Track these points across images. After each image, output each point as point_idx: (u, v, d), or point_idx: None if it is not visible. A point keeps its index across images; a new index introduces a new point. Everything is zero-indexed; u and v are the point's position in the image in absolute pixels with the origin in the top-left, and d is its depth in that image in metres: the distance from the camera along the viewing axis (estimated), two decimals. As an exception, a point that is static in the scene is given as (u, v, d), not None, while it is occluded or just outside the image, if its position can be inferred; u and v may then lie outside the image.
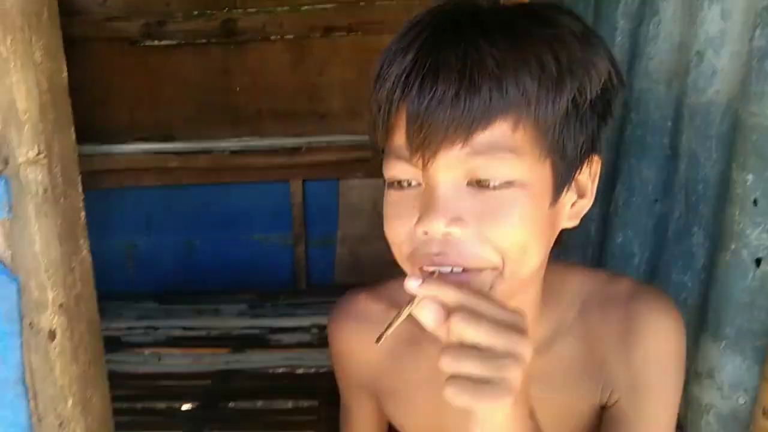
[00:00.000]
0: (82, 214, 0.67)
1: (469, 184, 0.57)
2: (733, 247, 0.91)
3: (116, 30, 2.81)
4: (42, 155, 0.59)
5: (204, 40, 2.82)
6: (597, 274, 0.77)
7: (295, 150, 2.62)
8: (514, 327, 0.52)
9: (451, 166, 0.56)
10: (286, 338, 2.38)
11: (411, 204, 0.59)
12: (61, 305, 0.62)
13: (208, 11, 2.80)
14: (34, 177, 0.58)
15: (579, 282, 0.75)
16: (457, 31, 0.56)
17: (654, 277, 1.08)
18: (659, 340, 0.70)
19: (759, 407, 0.90)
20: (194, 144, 2.67)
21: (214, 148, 2.64)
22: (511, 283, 0.59)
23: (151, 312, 2.58)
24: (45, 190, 0.60)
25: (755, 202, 0.89)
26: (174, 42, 2.82)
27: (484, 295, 0.54)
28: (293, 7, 2.82)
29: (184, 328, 2.46)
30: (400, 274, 0.63)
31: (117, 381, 2.10)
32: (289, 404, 2.03)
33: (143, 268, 2.75)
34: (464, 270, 0.57)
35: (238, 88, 2.82)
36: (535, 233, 0.59)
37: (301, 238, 2.76)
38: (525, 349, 0.51)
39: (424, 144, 0.55)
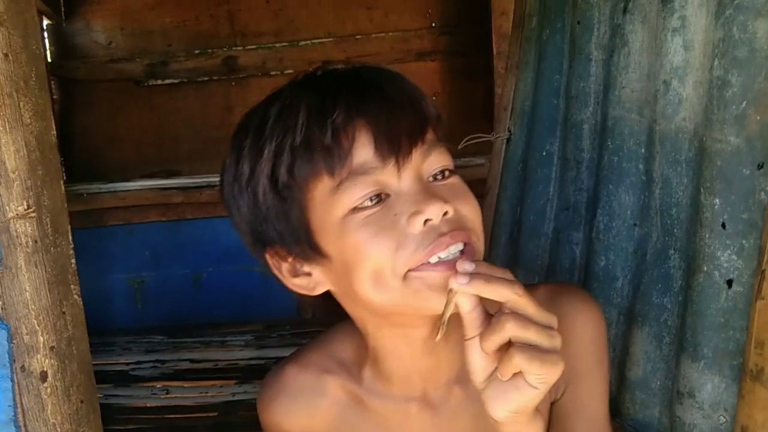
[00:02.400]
0: (73, 261, 0.71)
1: (430, 180, 0.65)
2: (705, 269, 0.94)
3: (121, 71, 2.90)
4: (31, 210, 0.63)
5: (206, 78, 2.91)
6: None
7: (296, 181, 2.67)
8: (553, 327, 0.58)
9: (418, 163, 0.64)
10: (292, 368, 2.40)
11: (388, 214, 0.62)
12: (52, 348, 0.66)
13: (209, 50, 2.89)
14: (24, 230, 0.62)
15: None
16: (357, 72, 0.67)
17: (636, 299, 1.11)
18: (584, 331, 0.75)
19: (738, 426, 0.91)
20: (198, 179, 2.74)
21: (217, 182, 2.69)
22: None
23: (159, 346, 2.62)
24: (35, 242, 0.64)
25: (723, 225, 0.92)
26: (177, 81, 2.91)
27: (526, 295, 0.58)
28: (292, 43, 2.91)
29: (192, 361, 2.49)
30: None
31: (126, 415, 2.16)
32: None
33: (151, 303, 2.80)
34: (466, 245, 0.62)
35: (240, 123, 2.89)
36: None
37: (305, 268, 2.80)
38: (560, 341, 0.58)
39: (395, 146, 0.62)
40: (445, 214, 0.61)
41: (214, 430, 2.08)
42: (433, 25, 2.90)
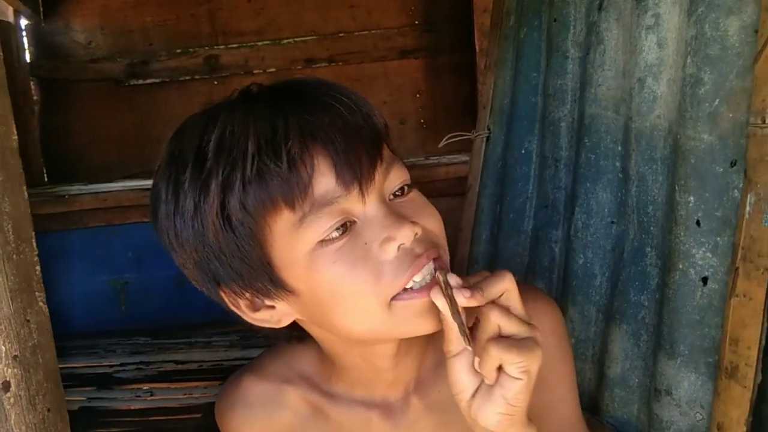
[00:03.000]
0: (37, 268, 0.70)
1: (391, 198, 0.62)
2: (681, 266, 0.94)
3: (101, 71, 2.87)
4: (-10, 216, 0.61)
5: (188, 77, 2.88)
6: None
7: (280, 181, 2.66)
8: (530, 321, 0.58)
9: (380, 184, 0.61)
10: (277, 368, 2.39)
11: (358, 243, 0.59)
12: (15, 357, 0.64)
13: (191, 48, 2.86)
14: (-17, 237, 0.61)
15: None
16: (301, 88, 0.62)
17: (614, 297, 1.11)
18: (544, 325, 0.71)
19: (714, 423, 0.92)
20: (180, 179, 2.71)
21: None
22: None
23: (143, 347, 2.60)
24: (-5, 249, 0.62)
25: (698, 222, 0.92)
26: (158, 80, 2.88)
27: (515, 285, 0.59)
28: (274, 41, 2.88)
29: (176, 362, 2.47)
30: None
31: (110, 418, 2.14)
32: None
33: (135, 305, 2.77)
34: (435, 259, 0.61)
35: (222, 123, 2.87)
36: None
37: (291, 268, 2.78)
38: (539, 335, 0.58)
39: (357, 171, 0.58)
40: (415, 234, 0.59)
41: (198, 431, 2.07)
42: (416, 22, 2.88)
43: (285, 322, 0.66)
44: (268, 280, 0.62)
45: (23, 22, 2.87)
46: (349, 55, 2.87)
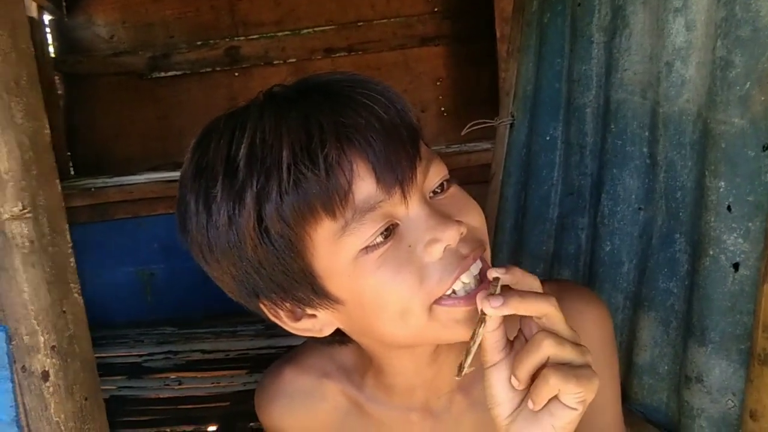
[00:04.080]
0: (71, 259, 0.71)
1: (431, 195, 0.60)
2: (711, 252, 0.93)
3: (124, 64, 2.90)
4: (26, 210, 0.63)
5: (209, 69, 2.91)
6: None
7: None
8: (580, 343, 0.56)
9: (420, 183, 0.58)
10: (302, 357, 2.42)
11: (401, 247, 0.57)
12: (53, 347, 0.66)
13: (211, 40, 2.88)
14: (20, 231, 0.62)
15: None
16: (333, 86, 0.58)
17: (642, 284, 1.10)
18: (591, 333, 0.68)
19: (746, 410, 0.91)
20: (204, 171, 2.74)
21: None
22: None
23: (170, 337, 2.65)
24: (31, 242, 0.64)
25: (729, 208, 0.90)
26: (179, 72, 2.91)
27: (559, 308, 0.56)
28: (294, 31, 2.89)
29: (203, 352, 2.51)
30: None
31: (140, 406, 2.18)
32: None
33: (161, 295, 2.82)
34: (482, 259, 0.59)
35: (244, 114, 2.90)
36: None
37: (314, 257, 2.80)
38: (591, 359, 0.55)
39: (398, 174, 0.56)
40: (461, 234, 0.57)
41: (226, 420, 2.10)
42: (436, 9, 2.87)
43: (327, 332, 0.64)
44: (310, 290, 0.60)
45: (47, 18, 2.91)
46: (369, 44, 2.87)
